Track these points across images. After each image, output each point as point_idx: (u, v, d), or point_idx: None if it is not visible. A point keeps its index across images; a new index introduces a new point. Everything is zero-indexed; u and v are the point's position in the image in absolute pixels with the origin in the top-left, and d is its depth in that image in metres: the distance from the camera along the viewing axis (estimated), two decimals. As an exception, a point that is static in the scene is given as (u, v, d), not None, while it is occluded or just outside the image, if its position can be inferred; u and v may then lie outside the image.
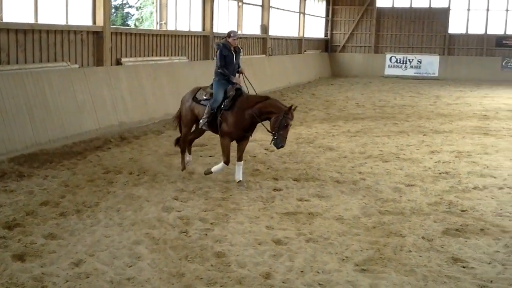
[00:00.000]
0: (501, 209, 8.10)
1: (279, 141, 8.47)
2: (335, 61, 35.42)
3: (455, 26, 34.33)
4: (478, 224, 7.39)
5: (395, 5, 34.98)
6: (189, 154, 9.85)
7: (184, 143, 9.68)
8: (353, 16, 35.48)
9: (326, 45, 35.84)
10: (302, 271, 5.81)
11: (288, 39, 29.26)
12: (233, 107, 8.83)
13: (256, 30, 25.32)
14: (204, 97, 9.19)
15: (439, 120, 16.81)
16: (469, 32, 34.10)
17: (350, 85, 27.93)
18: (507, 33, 33.57)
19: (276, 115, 8.45)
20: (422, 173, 10.15)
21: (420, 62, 33.20)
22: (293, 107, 8.50)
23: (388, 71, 33.50)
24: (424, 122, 16.20)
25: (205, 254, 6.19)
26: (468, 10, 34.02)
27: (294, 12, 30.23)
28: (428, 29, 34.57)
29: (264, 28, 25.62)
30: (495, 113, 18.62)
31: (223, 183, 9.15)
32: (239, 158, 9.03)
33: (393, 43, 35.17)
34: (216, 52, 9.01)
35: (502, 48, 33.55)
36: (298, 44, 30.83)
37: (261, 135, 13.39)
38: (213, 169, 9.19)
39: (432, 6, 34.40)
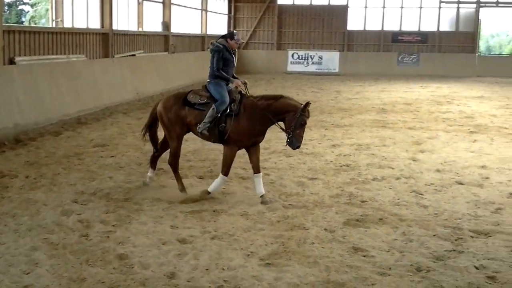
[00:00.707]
0: (398, 199, 8.41)
1: (295, 141, 7.84)
2: (239, 58, 35.53)
3: (354, 23, 35.44)
4: (377, 213, 7.63)
5: (296, 2, 35.63)
6: (153, 170, 8.72)
7: (177, 158, 8.37)
8: (255, 13, 35.80)
9: (229, 42, 35.86)
10: (207, 269, 5.77)
11: (190, 36, 29.09)
12: (241, 111, 8.01)
13: (157, 27, 24.98)
14: (201, 101, 8.15)
15: (340, 114, 17.26)
16: (367, 28, 35.30)
17: (254, 81, 28.08)
18: (402, 29, 35.02)
19: (292, 113, 7.79)
20: (324, 167, 10.37)
21: (321, 58, 34.00)
22: (309, 104, 7.88)
23: (291, 68, 34.06)
24: (326, 117, 16.57)
25: (107, 257, 6.00)
26: (366, 7, 35.21)
27: (196, 9, 30.10)
28: (328, 26, 35.48)
29: (166, 25, 25.32)
30: (392, 106, 19.35)
31: (125, 183, 8.93)
32: (257, 169, 8.14)
33: (295, 40, 35.81)
34: (215, 53, 8.11)
35: (397, 43, 35.00)
36: (201, 41, 30.73)
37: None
38: (211, 188, 8.14)
39: (331, 3, 35.32)
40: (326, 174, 9.86)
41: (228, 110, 8.03)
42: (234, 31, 8.46)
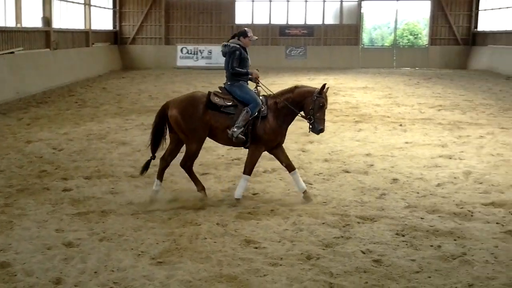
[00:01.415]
0: (288, 190, 8.54)
1: (317, 125, 7.74)
2: (126, 53, 34.82)
3: (242, 17, 35.69)
4: (269, 205, 7.71)
5: (183, -3, 35.40)
6: (161, 182, 8.01)
7: (193, 161, 8.01)
8: (141, 8, 35.09)
9: (116, 38, 35.04)
10: (95, 272, 5.57)
11: (74, 32, 28.05)
12: (268, 111, 7.87)
13: (38, 23, 23.89)
14: (226, 103, 7.80)
15: (230, 108, 17.27)
16: (255, 22, 35.66)
17: (143, 77, 27.64)
18: (289, 23, 35.71)
19: (310, 98, 7.75)
20: (215, 161, 10.35)
21: (211, 53, 33.90)
22: (326, 87, 7.81)
23: (181, 62, 33.72)
24: (216, 111, 16.53)
25: (-14, 267, 5.65)
26: (253, 1, 35.56)
27: (79, 3, 29.07)
28: (217, 20, 35.51)
29: (47, 20, 24.25)
30: (281, 98, 19.62)
31: (5, 188, 8.45)
32: (291, 167, 8.04)
33: (183, 34, 35.53)
34: (232, 53, 7.88)
35: (285, 37, 35.64)
36: (85, 37, 29.71)
37: (47, 134, 12.69)
38: (239, 194, 7.89)
39: (219, -3, 35.41)
40: (218, 168, 9.84)
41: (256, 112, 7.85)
42: (246, 28, 8.18)
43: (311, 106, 7.75)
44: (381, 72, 31.09)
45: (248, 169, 7.96)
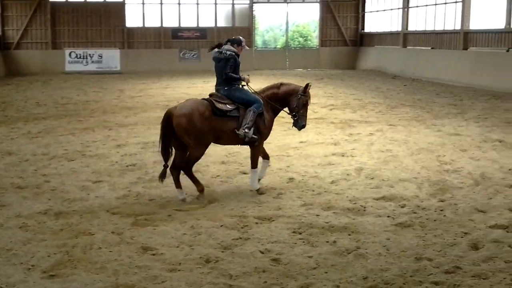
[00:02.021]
0: (185, 194, 8.41)
1: (300, 121, 8.53)
2: (10, 59, 33.12)
3: (132, 20, 35.07)
4: (166, 210, 7.60)
5: (70, 0, 34.24)
6: (181, 189, 8.13)
7: (192, 165, 8.24)
8: (25, 11, 33.55)
9: (-1, 43, 33.35)
10: (-19, 291, 5.23)
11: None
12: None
13: None
14: (230, 108, 8.20)
15: (124, 113, 16.93)
16: (146, 25, 35.17)
17: (29, 83, 26.46)
18: (182, 25, 35.52)
19: (294, 96, 8.46)
20: (109, 168, 10.05)
21: (101, 57, 33.04)
22: (309, 85, 8.58)
23: (69, 67, 32.56)
24: (109, 117, 16.14)
25: None
26: (143, 4, 35.02)
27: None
28: (106, 23, 34.64)
29: None
30: (177, 102, 19.24)
31: None
32: (267, 156, 8.85)
33: (71, 39, 34.36)
34: (230, 60, 8.26)
35: (178, 40, 35.40)
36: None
37: None
38: (254, 185, 8.49)
39: (107, 0, 34.55)
40: (112, 175, 9.57)
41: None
42: (241, 38, 8.64)
43: (295, 103, 8.46)
44: (275, 74, 31.59)
45: (255, 163, 8.53)
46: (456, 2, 26.93)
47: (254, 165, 8.53)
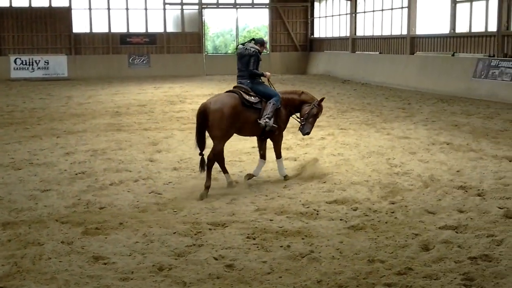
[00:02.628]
0: (137, 201, 8.34)
1: (306, 128, 9.35)
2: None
3: (79, 25, 34.49)
4: (117, 219, 7.45)
5: (14, 5, 33.37)
6: (228, 173, 9.19)
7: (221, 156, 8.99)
8: (-31, 17, 32.61)
9: None
10: None
11: None
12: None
13: None
14: (255, 100, 8.99)
15: (72, 120, 16.59)
16: (94, 31, 34.64)
17: (-27, 91, 25.70)
18: (130, 31, 35.14)
19: (308, 104, 9.30)
20: (57, 176, 9.82)
21: (48, 63, 32.27)
22: (324, 99, 9.51)
23: (15, 74, 31.68)
24: (57, 124, 15.79)
25: None
26: (90, 9, 34.48)
27: None
28: (52, 29, 33.94)
29: None
30: (127, 109, 19.23)
31: None
32: (264, 157, 9.50)
33: (16, 44, 33.53)
34: (254, 56, 9.07)
35: (127, 45, 35.00)
36: None
37: None
38: (283, 172, 9.49)
39: (53, 5, 33.84)
40: (61, 184, 9.35)
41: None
42: (264, 38, 9.59)
43: (307, 111, 9.29)
44: (226, 79, 31.53)
45: (279, 153, 9.44)
46: (402, 7, 27.55)
47: (278, 155, 9.43)
